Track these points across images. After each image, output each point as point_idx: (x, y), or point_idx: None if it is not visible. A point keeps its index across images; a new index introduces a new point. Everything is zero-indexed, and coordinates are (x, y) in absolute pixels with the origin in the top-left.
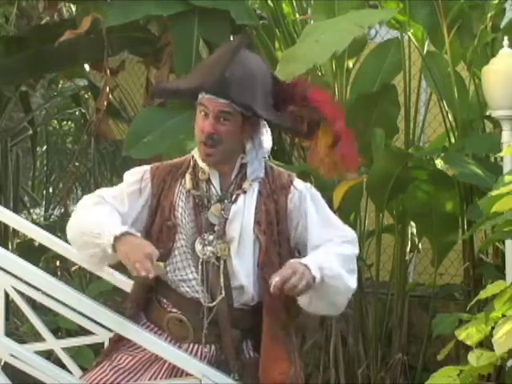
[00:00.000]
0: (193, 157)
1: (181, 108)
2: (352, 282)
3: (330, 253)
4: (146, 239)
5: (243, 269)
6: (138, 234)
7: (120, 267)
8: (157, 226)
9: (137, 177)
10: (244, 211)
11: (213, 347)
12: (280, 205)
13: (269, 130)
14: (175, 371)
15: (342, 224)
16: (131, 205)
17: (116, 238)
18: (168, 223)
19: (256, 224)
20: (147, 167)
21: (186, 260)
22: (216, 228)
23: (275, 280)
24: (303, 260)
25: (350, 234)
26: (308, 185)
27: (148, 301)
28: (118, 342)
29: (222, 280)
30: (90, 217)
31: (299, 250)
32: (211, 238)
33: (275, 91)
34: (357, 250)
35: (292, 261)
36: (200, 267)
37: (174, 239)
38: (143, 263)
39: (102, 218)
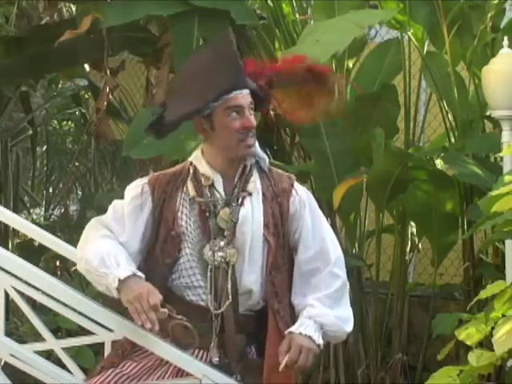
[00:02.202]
0: (191, 163)
1: None
2: (348, 322)
3: (324, 298)
4: (151, 250)
5: (252, 273)
6: (142, 275)
7: None
8: (161, 237)
9: (137, 191)
10: (252, 214)
11: (218, 352)
12: (283, 208)
13: None
14: (178, 377)
15: (331, 239)
16: (133, 225)
17: (120, 282)
18: (172, 233)
19: (265, 227)
20: (145, 180)
21: (192, 268)
22: (226, 233)
23: (284, 361)
24: (306, 330)
25: (338, 253)
26: (306, 190)
27: None
28: (127, 355)
29: (229, 285)
30: (94, 254)
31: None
32: (222, 243)
33: None
34: (342, 275)
35: (295, 335)
36: (209, 274)
37: (179, 248)
38: (149, 315)
39: (105, 256)
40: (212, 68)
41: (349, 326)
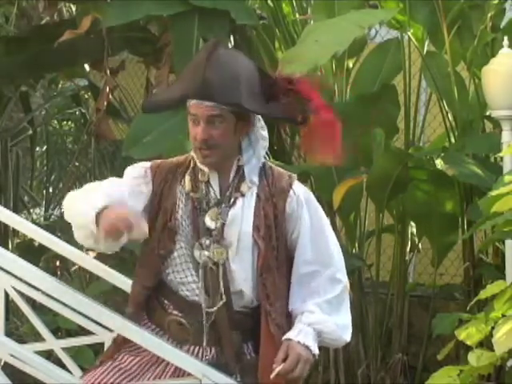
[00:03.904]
0: (192, 157)
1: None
2: (347, 330)
3: (324, 304)
4: (148, 239)
5: (242, 273)
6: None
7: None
8: (159, 226)
9: (139, 172)
10: (242, 216)
11: (213, 350)
12: (279, 209)
13: (265, 126)
14: (177, 373)
15: (333, 242)
16: (135, 198)
17: (97, 214)
18: (169, 224)
19: (255, 229)
20: (147, 164)
21: (186, 263)
22: (213, 232)
23: (277, 370)
24: (305, 339)
25: (339, 257)
26: (307, 189)
27: (149, 301)
28: (122, 344)
29: (221, 285)
30: (80, 198)
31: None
32: (208, 242)
33: (263, 84)
34: (344, 280)
35: (294, 343)
36: (200, 271)
37: (174, 241)
38: (119, 222)
39: (90, 195)
40: (188, 70)
41: (347, 335)
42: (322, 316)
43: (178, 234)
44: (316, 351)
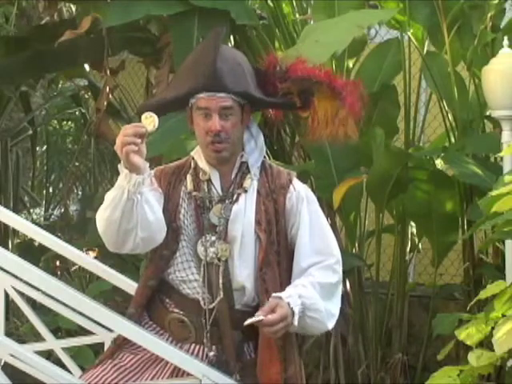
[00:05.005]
0: (193, 158)
1: None
2: (332, 318)
3: (318, 285)
4: None
5: (245, 269)
6: None
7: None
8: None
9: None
10: (245, 211)
11: (214, 348)
12: (279, 204)
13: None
14: (176, 371)
15: (331, 237)
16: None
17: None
18: (173, 225)
19: (256, 223)
20: (151, 172)
21: (187, 262)
22: (218, 229)
23: (258, 319)
24: (294, 306)
25: (337, 251)
26: (306, 186)
27: (151, 300)
28: (122, 343)
29: (220, 281)
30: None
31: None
32: (213, 238)
33: (258, 74)
34: (340, 273)
35: (284, 303)
36: (202, 269)
37: (177, 241)
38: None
39: None
40: (192, 65)
41: (331, 323)
42: (314, 294)
43: (181, 233)
44: (295, 323)
